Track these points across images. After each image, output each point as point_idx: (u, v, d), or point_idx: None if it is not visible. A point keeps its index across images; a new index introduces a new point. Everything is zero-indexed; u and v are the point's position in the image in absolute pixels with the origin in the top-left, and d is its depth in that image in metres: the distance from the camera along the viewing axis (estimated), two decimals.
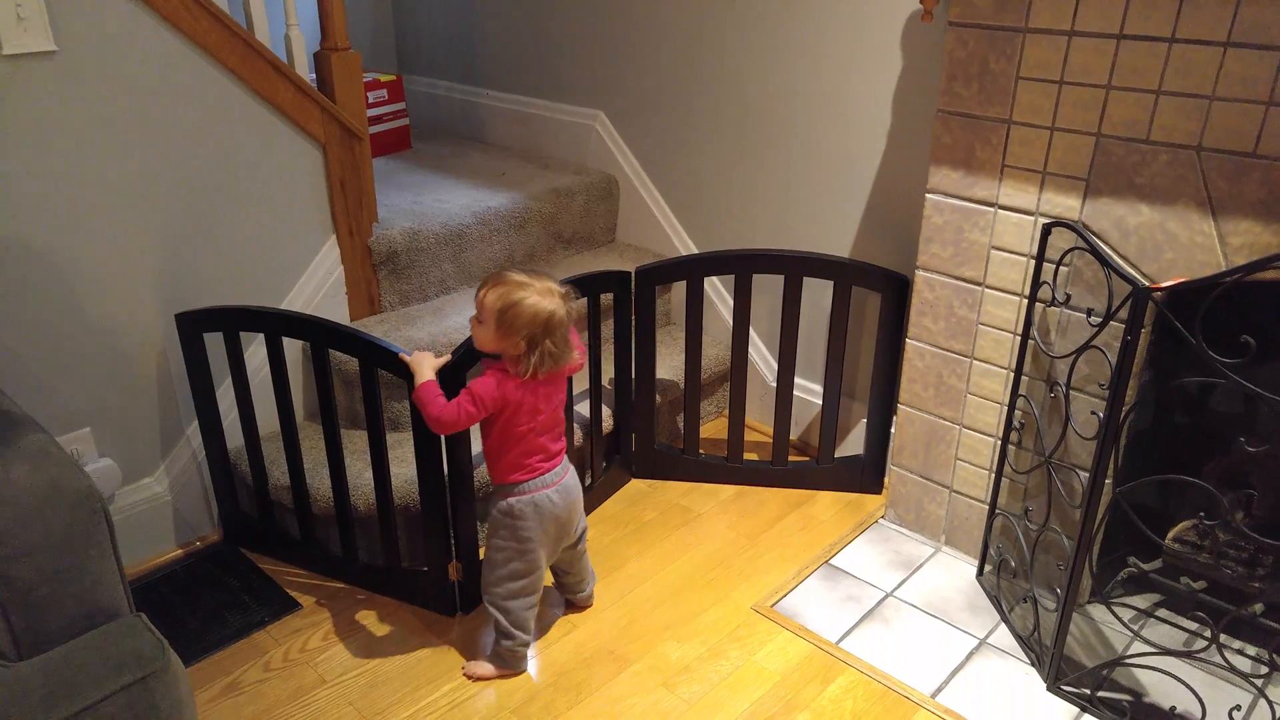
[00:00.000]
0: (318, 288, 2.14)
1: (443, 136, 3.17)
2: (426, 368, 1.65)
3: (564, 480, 1.72)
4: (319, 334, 1.78)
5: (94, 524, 1.19)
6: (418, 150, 2.99)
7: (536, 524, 1.69)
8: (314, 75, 2.11)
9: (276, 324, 1.83)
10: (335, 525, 1.95)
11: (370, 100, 2.82)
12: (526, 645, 1.76)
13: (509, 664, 1.76)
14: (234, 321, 1.87)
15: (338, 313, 2.19)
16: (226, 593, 1.96)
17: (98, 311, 1.83)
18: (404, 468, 1.95)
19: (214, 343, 1.90)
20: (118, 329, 1.87)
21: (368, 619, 1.90)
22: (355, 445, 2.05)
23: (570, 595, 1.92)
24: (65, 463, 1.21)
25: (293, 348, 2.10)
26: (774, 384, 2.49)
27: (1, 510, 1.14)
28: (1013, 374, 1.83)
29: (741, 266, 2.15)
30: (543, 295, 1.58)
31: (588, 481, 2.25)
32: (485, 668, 1.76)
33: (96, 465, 1.89)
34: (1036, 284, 1.73)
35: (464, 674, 1.76)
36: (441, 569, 1.86)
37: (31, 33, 1.61)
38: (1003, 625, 1.88)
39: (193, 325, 1.87)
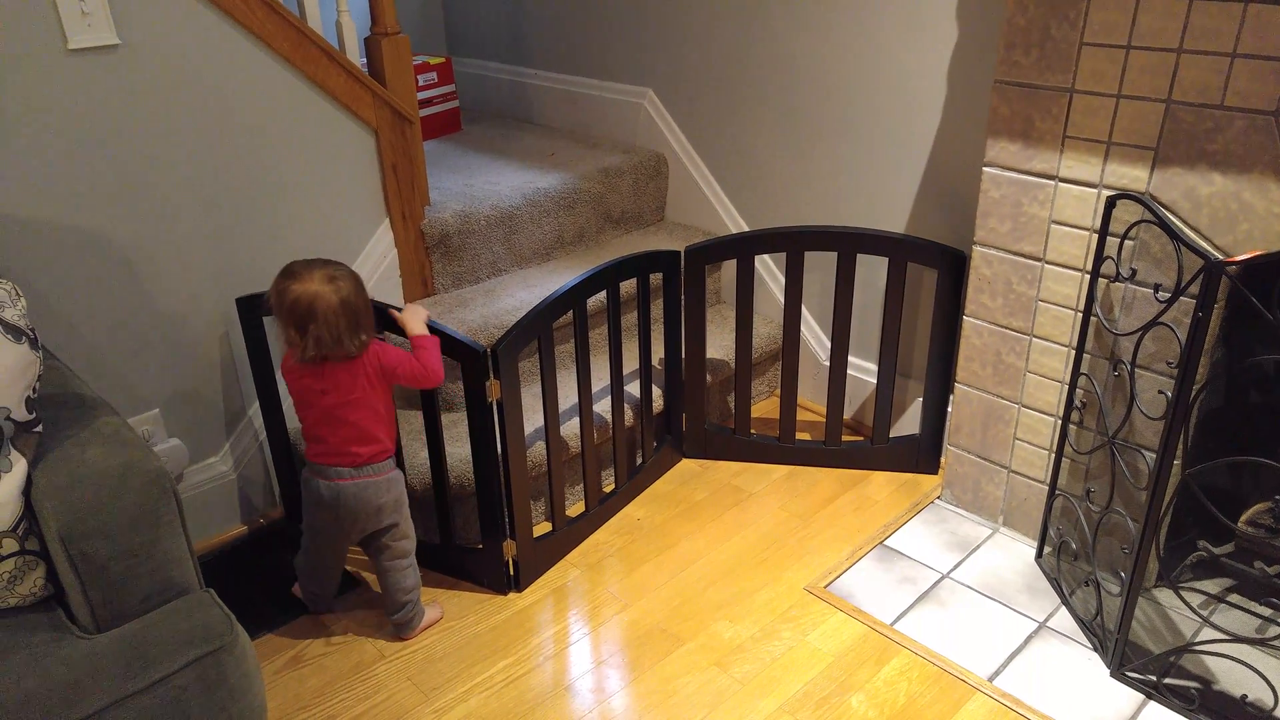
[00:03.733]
0: (372, 271, 2.17)
1: (492, 118, 3.18)
2: (418, 321, 1.74)
3: (342, 482, 1.66)
4: (376, 317, 1.80)
5: (165, 503, 1.23)
6: (467, 132, 3.00)
7: (309, 504, 1.71)
8: (365, 60, 2.13)
9: None
10: None
11: (420, 83, 2.84)
12: (305, 591, 1.86)
13: (312, 609, 1.89)
14: None
15: (393, 295, 2.22)
16: (289, 569, 2.01)
17: (163, 297, 1.88)
18: (459, 447, 1.97)
19: (274, 326, 1.93)
20: (182, 314, 1.92)
21: (425, 596, 1.93)
22: (411, 425, 2.08)
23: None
24: (137, 444, 1.25)
25: None
26: (827, 363, 2.46)
27: (79, 489, 1.19)
28: (1074, 352, 1.79)
29: (793, 244, 2.12)
30: (306, 281, 1.57)
31: (639, 461, 2.25)
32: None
33: (165, 446, 1.95)
34: (1100, 259, 1.68)
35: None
36: (496, 547, 1.89)
37: (96, 27, 1.65)
38: (1063, 609, 1.85)
39: (253, 309, 1.91)
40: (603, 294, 2.10)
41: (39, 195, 1.68)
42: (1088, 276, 1.73)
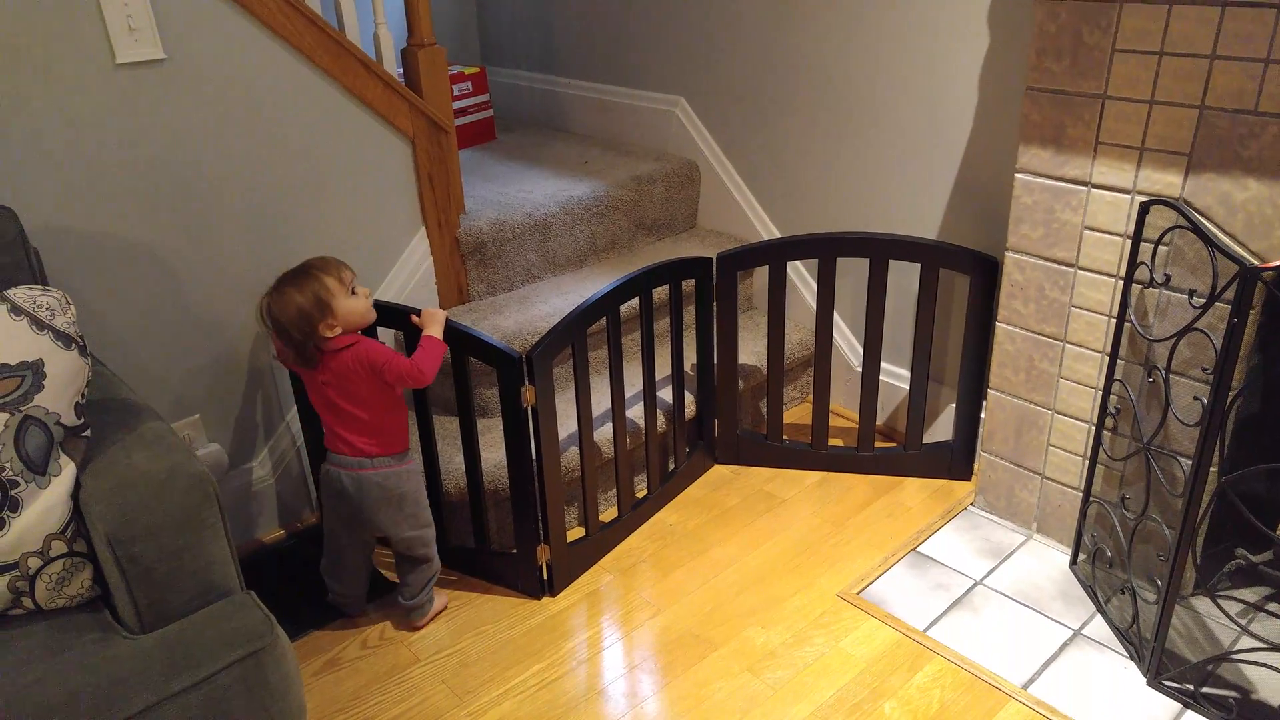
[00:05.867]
0: (409, 278, 2.21)
1: (526, 126, 3.22)
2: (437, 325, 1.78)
3: (364, 472, 1.73)
4: (411, 324, 1.83)
5: (208, 506, 1.26)
6: (502, 141, 3.04)
7: (330, 496, 1.78)
8: (401, 71, 2.17)
9: None
10: None
11: (455, 93, 2.88)
12: (334, 593, 1.89)
13: (344, 612, 1.93)
14: None
15: (428, 302, 2.26)
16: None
17: (204, 305, 1.93)
18: (493, 452, 2.00)
19: None
20: (222, 321, 1.97)
21: (459, 600, 1.96)
22: (446, 430, 2.11)
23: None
24: (181, 449, 1.29)
25: (386, 337, 2.17)
26: (859, 369, 2.45)
27: (126, 493, 1.22)
28: (1108, 358, 1.77)
29: (825, 250, 2.13)
30: (271, 297, 1.67)
31: (671, 466, 2.27)
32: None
33: (206, 450, 2.00)
34: (1133, 265, 1.67)
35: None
36: (530, 552, 1.91)
37: (142, 42, 1.70)
38: (1098, 616, 1.83)
39: None
40: (636, 301, 2.11)
41: (87, 206, 1.73)
42: (1121, 282, 1.71)
